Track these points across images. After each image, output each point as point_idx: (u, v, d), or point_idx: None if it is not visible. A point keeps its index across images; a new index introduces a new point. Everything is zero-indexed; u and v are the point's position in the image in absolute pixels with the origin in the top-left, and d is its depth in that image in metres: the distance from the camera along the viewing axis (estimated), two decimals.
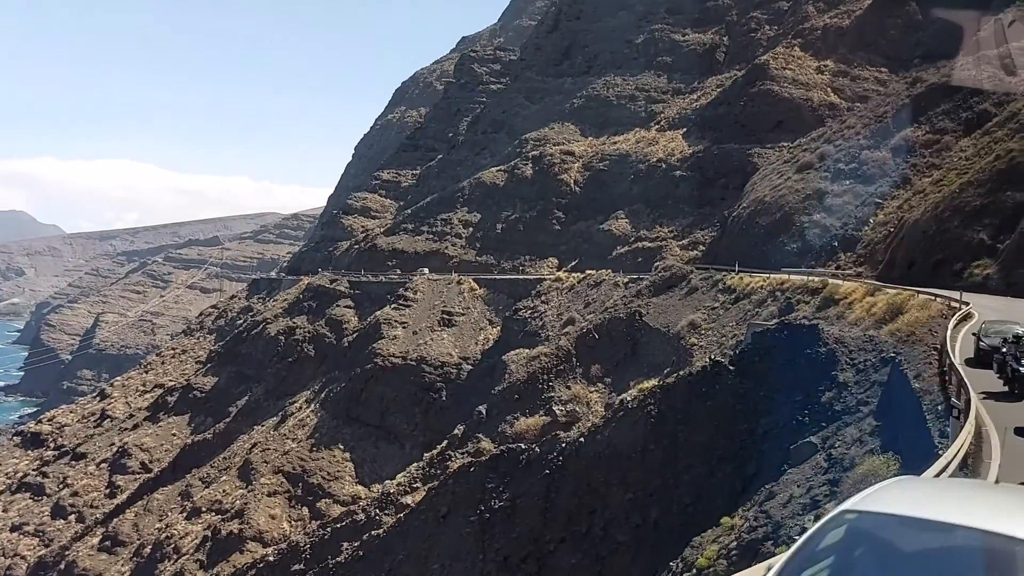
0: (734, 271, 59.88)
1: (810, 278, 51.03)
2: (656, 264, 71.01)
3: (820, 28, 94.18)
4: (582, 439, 30.95)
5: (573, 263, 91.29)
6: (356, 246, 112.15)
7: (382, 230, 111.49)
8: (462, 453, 52.27)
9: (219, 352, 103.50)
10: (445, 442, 58.97)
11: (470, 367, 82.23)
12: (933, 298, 38.92)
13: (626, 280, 74.62)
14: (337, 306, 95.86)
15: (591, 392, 56.80)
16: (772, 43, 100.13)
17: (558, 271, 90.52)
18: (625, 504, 27.12)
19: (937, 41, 76.12)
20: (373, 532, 40.02)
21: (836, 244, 59.83)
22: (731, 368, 27.85)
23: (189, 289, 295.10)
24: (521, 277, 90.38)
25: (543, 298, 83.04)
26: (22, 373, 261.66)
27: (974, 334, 23.05)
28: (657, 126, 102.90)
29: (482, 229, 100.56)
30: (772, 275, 55.48)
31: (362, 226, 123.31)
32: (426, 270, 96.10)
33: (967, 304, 35.94)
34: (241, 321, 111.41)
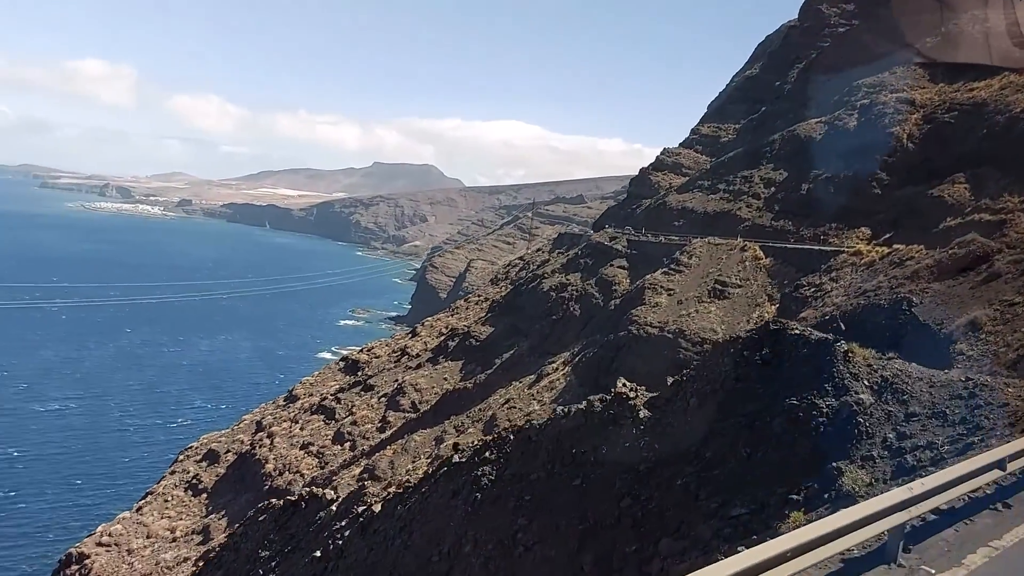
0: None
1: None
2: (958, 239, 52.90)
3: None
4: (389, 497, 20.43)
5: (887, 236, 73.66)
6: (651, 203, 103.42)
7: (675, 187, 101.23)
8: None
9: (500, 303, 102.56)
10: None
11: None
12: None
13: (939, 260, 57.43)
14: (611, 265, 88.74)
15: None
16: None
17: (866, 244, 73.76)
18: None
19: None
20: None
21: None
22: (643, 414, 15.72)
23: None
24: (816, 248, 75.17)
25: (833, 275, 67.77)
26: (410, 306, 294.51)
27: None
28: None
29: (784, 190, 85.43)
30: None
31: (669, 183, 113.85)
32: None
33: None
34: (528, 274, 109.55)
